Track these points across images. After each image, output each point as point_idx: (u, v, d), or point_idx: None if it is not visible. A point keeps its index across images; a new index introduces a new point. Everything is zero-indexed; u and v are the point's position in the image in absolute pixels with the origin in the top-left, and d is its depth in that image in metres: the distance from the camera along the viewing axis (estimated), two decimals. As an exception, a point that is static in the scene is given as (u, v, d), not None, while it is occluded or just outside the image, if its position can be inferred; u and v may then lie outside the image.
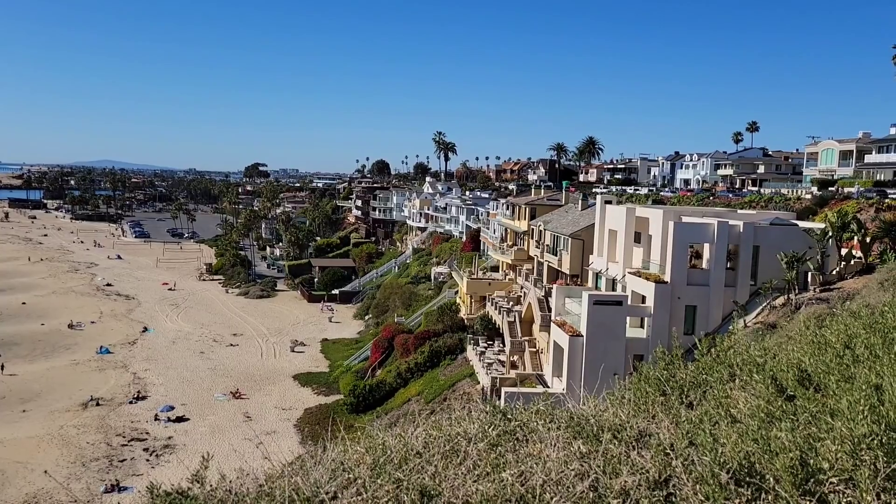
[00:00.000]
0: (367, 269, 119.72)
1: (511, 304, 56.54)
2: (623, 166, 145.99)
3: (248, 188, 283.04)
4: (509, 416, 5.55)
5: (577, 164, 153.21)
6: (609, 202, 46.64)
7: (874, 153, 78.09)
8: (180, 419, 59.57)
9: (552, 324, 40.11)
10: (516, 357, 49.32)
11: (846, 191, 55.96)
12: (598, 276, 45.41)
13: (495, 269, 73.78)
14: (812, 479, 3.76)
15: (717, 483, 3.79)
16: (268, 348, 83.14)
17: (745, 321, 34.25)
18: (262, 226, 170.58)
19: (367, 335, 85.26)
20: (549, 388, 38.92)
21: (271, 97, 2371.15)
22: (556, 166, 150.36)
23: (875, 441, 3.87)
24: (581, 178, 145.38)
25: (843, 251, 36.95)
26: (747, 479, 3.88)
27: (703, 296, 37.00)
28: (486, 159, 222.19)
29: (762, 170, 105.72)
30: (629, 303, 37.36)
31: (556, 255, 53.53)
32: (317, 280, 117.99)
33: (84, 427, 57.29)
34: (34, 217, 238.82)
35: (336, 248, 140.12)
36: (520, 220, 67.65)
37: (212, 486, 4.17)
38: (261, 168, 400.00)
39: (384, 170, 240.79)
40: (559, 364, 38.14)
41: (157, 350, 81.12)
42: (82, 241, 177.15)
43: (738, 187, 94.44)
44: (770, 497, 3.71)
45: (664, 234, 37.64)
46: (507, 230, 73.53)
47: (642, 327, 37.71)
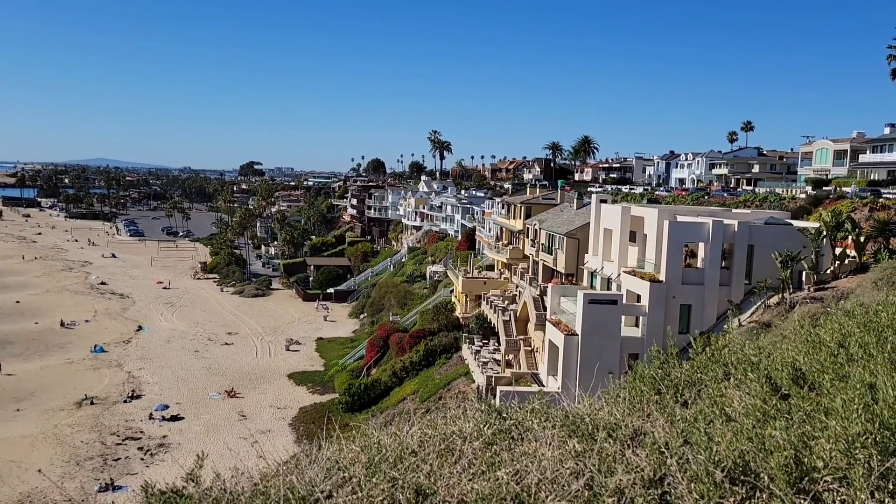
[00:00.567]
0: (362, 267, 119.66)
1: (506, 302, 56.58)
2: (618, 165, 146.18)
3: (244, 187, 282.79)
4: (504, 415, 5.55)
5: (573, 163, 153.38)
6: (604, 201, 46.71)
7: (868, 153, 78.39)
8: (175, 418, 59.47)
9: (547, 323, 40.15)
10: (511, 356, 49.36)
11: (843, 190, 56.11)
12: (593, 275, 45.48)
13: (490, 267, 73.80)
14: (806, 478, 3.77)
15: (711, 481, 3.80)
16: (263, 347, 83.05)
17: (739, 320, 34.36)
18: (258, 224, 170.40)
19: (362, 334, 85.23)
20: (544, 386, 38.95)
21: (267, 96, 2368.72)
22: (552, 165, 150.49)
23: (869, 439, 3.88)
24: (576, 177, 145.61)
25: (838, 250, 37.07)
26: (742, 477, 3.88)
27: (697, 295, 37.09)
28: (482, 158, 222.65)
29: (757, 169, 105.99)
30: (624, 302, 37.42)
31: (552, 254, 53.58)
32: (312, 279, 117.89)
33: (78, 426, 57.14)
34: (28, 215, 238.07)
35: (331, 247, 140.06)
36: (515, 219, 67.67)
37: (207, 485, 4.16)
38: (256, 167, 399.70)
39: (379, 168, 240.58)
40: (554, 363, 38.19)
41: (151, 349, 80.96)
42: (76, 240, 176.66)
43: (733, 186, 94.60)
44: (765, 495, 3.72)
45: (659, 233, 37.72)
46: (502, 229, 73.56)
47: (637, 326, 37.79)
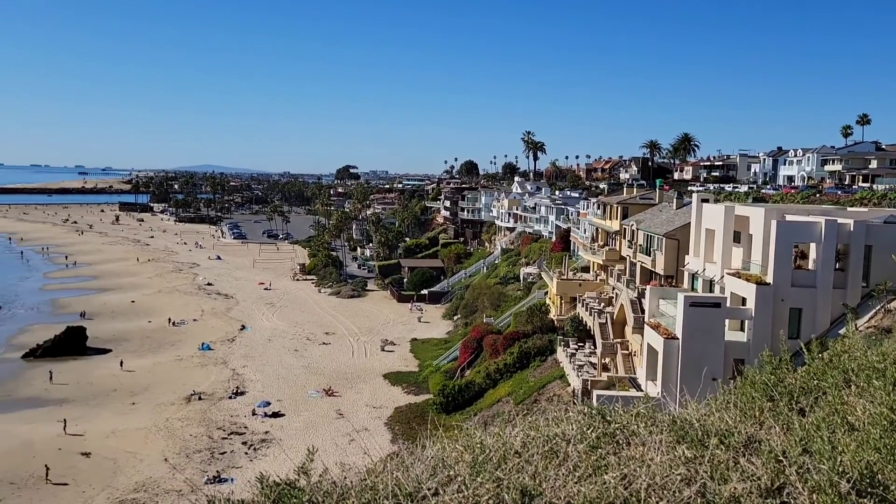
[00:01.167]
0: (455, 269, 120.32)
1: (602, 305, 55.59)
2: (721, 163, 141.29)
3: (340, 190, 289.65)
4: (608, 419, 5.45)
5: (672, 161, 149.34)
6: (706, 200, 45.12)
7: None
8: (276, 415, 61.45)
9: (646, 326, 39.15)
10: (608, 359, 48.44)
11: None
12: (694, 277, 44.03)
13: (586, 269, 72.70)
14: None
15: (836, 493, 3.57)
16: (359, 347, 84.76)
17: (856, 325, 32.45)
18: (353, 227, 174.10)
19: (455, 335, 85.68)
20: (642, 391, 38.01)
21: (362, 103, 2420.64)
22: (650, 164, 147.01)
23: None
24: (676, 176, 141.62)
25: (966, 251, 34.43)
26: (869, 489, 3.65)
27: (808, 298, 35.23)
28: (577, 158, 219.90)
29: (875, 165, 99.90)
30: (728, 305, 36.01)
31: (650, 256, 52.25)
32: (406, 280, 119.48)
33: (187, 420, 59.92)
34: (142, 220, 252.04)
35: (425, 249, 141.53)
36: (611, 219, 66.41)
37: (316, 479, 4.24)
38: (351, 170, 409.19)
39: (472, 170, 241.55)
40: (653, 367, 37.19)
41: (254, 347, 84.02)
42: (185, 243, 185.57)
43: (847, 184, 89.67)
44: None
45: (766, 234, 36.08)
46: (597, 230, 72.34)
47: (742, 330, 36.29)
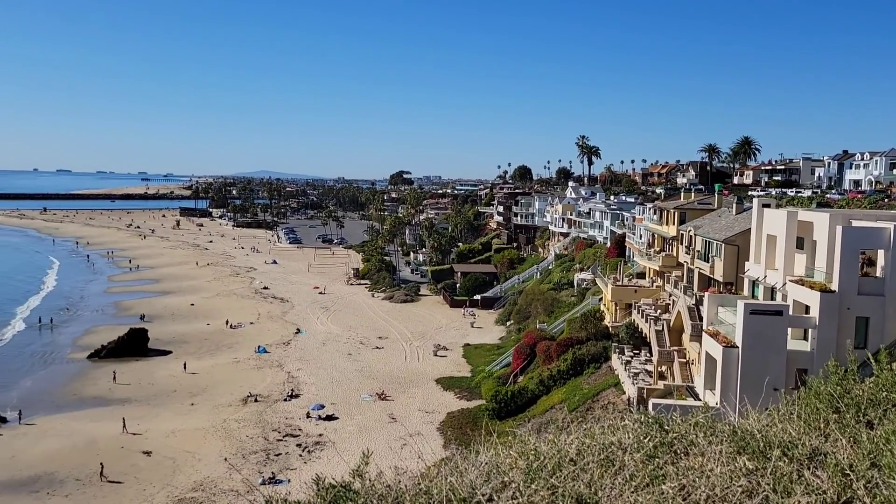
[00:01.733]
0: (508, 274, 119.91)
1: (659, 312, 54.66)
2: (783, 167, 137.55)
3: (393, 195, 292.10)
4: (666, 427, 5.35)
5: (731, 165, 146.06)
6: (767, 205, 43.98)
7: None
8: (330, 417, 62.13)
9: (704, 334, 38.32)
10: (664, 367, 47.58)
11: None
12: (754, 283, 42.93)
13: (641, 275, 71.60)
14: None
15: None
16: (411, 352, 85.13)
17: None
18: (406, 232, 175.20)
19: (508, 341, 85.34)
20: (700, 400, 37.20)
21: (416, 107, 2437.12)
22: (708, 168, 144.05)
23: None
24: (735, 180, 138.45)
25: None
26: None
27: (876, 306, 33.96)
28: (632, 163, 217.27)
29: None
30: (790, 313, 34.99)
31: (708, 262, 51.16)
32: (459, 285, 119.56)
33: (244, 421, 61.03)
34: (201, 224, 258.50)
35: (477, 254, 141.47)
36: (668, 224, 65.29)
37: (371, 481, 4.26)
38: (405, 175, 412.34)
39: (526, 175, 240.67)
40: (712, 376, 36.38)
41: (308, 351, 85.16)
42: (242, 247, 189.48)
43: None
44: None
45: (831, 240, 34.95)
46: (654, 235, 71.20)
47: (806, 339, 35.22)
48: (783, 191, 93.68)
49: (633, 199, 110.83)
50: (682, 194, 78.03)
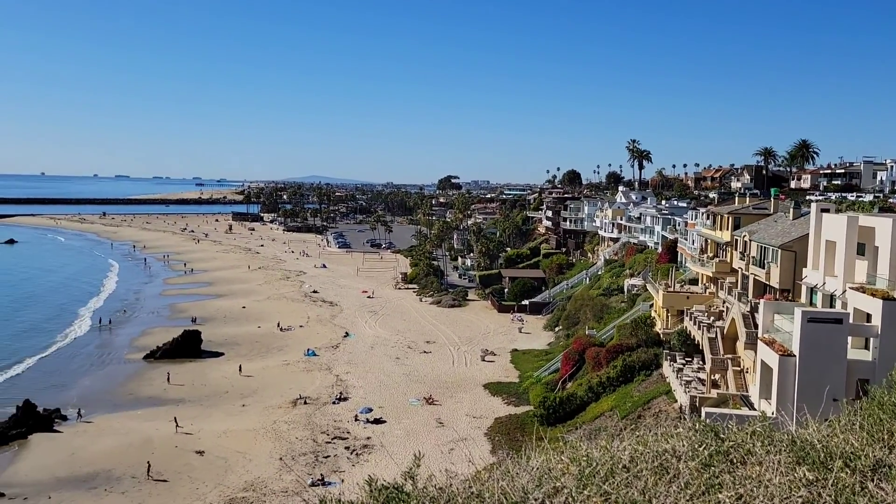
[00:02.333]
0: (557, 279, 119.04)
1: (712, 319, 53.58)
2: (843, 171, 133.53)
3: (441, 200, 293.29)
4: (721, 436, 5.25)
5: (788, 169, 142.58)
6: (826, 210, 42.78)
7: None
8: (378, 421, 62.47)
9: (759, 342, 37.42)
10: (718, 376, 46.59)
11: None
12: (812, 291, 41.76)
13: (694, 281, 70.32)
14: None
15: None
16: (459, 356, 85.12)
17: None
18: (454, 236, 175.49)
19: (557, 347, 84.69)
20: (755, 410, 36.32)
21: (464, 112, 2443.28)
22: (763, 173, 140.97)
23: None
24: (792, 184, 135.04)
25: None
26: None
27: (942, 314, 32.70)
28: (684, 167, 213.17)
29: None
30: (851, 321, 33.91)
31: (764, 268, 49.96)
32: (507, 290, 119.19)
33: (293, 423, 61.82)
34: (253, 229, 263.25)
35: (526, 259, 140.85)
36: (722, 229, 64.01)
37: (423, 483, 4.26)
38: (453, 180, 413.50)
39: (575, 180, 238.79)
40: (767, 385, 35.47)
41: (357, 354, 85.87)
42: (292, 251, 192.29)
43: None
44: None
45: (894, 246, 33.82)
46: (707, 241, 69.89)
47: (867, 349, 34.08)
48: (843, 195, 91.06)
49: (685, 204, 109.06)
50: (737, 199, 76.48)
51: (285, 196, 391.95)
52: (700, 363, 51.58)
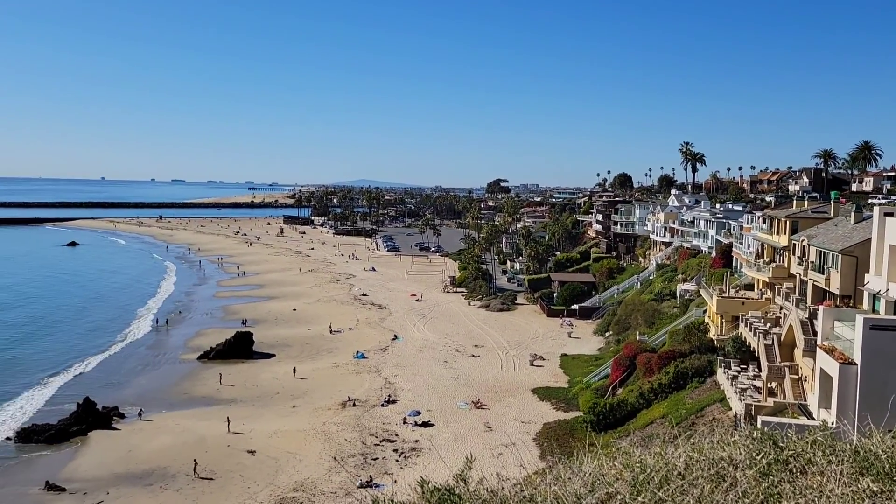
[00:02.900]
0: (607, 284, 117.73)
1: (768, 325, 52.21)
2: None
3: (490, 203, 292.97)
4: (780, 444, 5.11)
5: (849, 172, 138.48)
6: (890, 214, 41.30)
7: None
8: (426, 424, 62.57)
9: (818, 349, 36.29)
10: (774, 384, 45.36)
11: None
12: (875, 297, 40.36)
13: (749, 287, 68.72)
14: None
15: None
16: (507, 361, 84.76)
17: None
18: (503, 240, 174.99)
19: (607, 352, 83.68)
20: (813, 419, 35.25)
21: (514, 116, 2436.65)
22: (823, 175, 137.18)
23: None
24: (854, 187, 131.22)
25: None
26: None
27: None
28: (739, 169, 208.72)
29: None
30: (916, 328, 32.63)
31: (823, 273, 48.52)
32: (556, 295, 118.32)
33: (342, 425, 62.37)
34: (303, 232, 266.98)
35: (575, 263, 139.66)
36: (779, 234, 62.42)
37: (473, 487, 4.23)
38: (502, 184, 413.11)
39: (626, 183, 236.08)
40: (827, 394, 34.37)
41: (405, 357, 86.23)
42: (342, 254, 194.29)
43: None
44: None
45: (961, 250, 32.47)
46: (763, 245, 68.24)
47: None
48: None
49: (740, 208, 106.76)
50: (795, 202, 74.52)
51: (335, 200, 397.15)
52: (756, 370, 50.34)
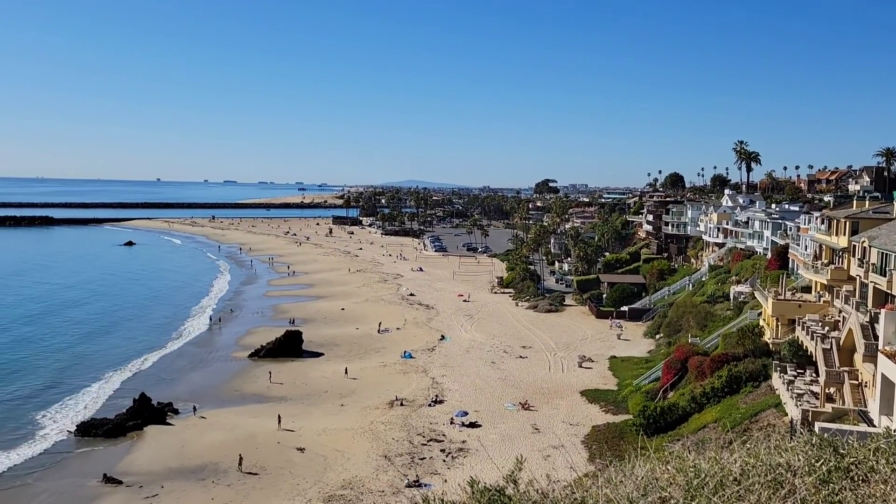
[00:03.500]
0: (657, 285, 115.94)
1: (826, 329, 50.76)
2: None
3: (538, 204, 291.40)
4: (841, 451, 4.95)
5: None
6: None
7: None
8: (473, 425, 62.49)
9: (879, 354, 35.13)
10: (833, 389, 44.04)
11: None
12: (939, 300, 38.87)
13: (806, 289, 66.89)
14: None
15: None
16: (555, 362, 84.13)
17: None
18: (551, 241, 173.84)
19: (657, 355, 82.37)
20: (875, 426, 34.08)
21: (563, 115, 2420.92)
22: (885, 174, 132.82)
23: None
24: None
25: None
26: None
27: None
28: (796, 169, 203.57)
29: None
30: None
31: (885, 276, 46.90)
32: (605, 296, 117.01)
33: (390, 424, 62.70)
34: (352, 232, 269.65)
35: (625, 264, 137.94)
36: (838, 235, 60.61)
37: (524, 487, 4.17)
38: (550, 184, 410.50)
39: (678, 183, 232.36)
40: (888, 400, 33.25)
41: (452, 357, 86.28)
42: (390, 254, 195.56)
43: None
44: None
45: None
46: (821, 246, 66.36)
47: None
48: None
49: (797, 208, 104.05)
50: (855, 202, 72.34)
51: (383, 200, 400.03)
52: (813, 375, 48.96)
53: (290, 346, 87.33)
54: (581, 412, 65.95)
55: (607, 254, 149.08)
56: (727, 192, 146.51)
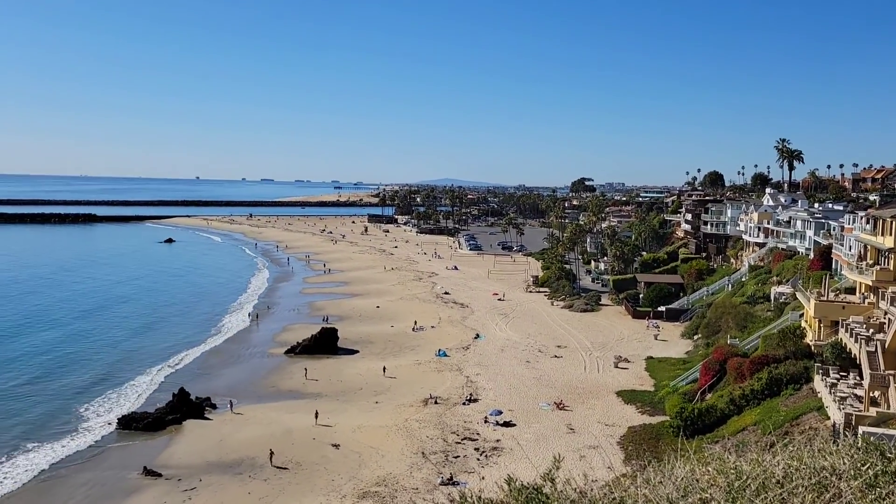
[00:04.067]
0: (696, 286, 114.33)
1: (871, 331, 49.53)
2: None
3: (574, 202, 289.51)
4: (888, 455, 4.82)
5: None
6: None
7: None
8: (507, 424, 62.30)
9: (925, 356, 34.18)
10: (877, 393, 42.97)
11: None
12: None
13: (850, 290, 65.38)
14: None
15: None
16: (591, 362, 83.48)
17: None
18: (587, 240, 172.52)
19: (695, 356, 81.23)
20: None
21: (599, 114, 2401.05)
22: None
23: None
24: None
25: None
26: None
27: None
28: (840, 167, 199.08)
29: None
30: None
31: (931, 277, 45.64)
32: (642, 296, 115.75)
33: (424, 422, 62.83)
34: (387, 231, 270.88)
35: (663, 264, 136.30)
36: (884, 235, 59.13)
37: (562, 485, 4.13)
38: (587, 182, 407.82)
39: (717, 181, 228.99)
40: (935, 405, 32.31)
41: (487, 356, 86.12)
42: (425, 253, 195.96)
43: None
44: None
45: None
46: (866, 247, 64.80)
47: None
48: None
49: (841, 207, 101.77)
50: (900, 201, 70.34)
51: (419, 199, 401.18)
52: (857, 378, 47.82)
53: (325, 344, 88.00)
54: (617, 413, 65.34)
55: (644, 253, 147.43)
56: (768, 190, 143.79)
